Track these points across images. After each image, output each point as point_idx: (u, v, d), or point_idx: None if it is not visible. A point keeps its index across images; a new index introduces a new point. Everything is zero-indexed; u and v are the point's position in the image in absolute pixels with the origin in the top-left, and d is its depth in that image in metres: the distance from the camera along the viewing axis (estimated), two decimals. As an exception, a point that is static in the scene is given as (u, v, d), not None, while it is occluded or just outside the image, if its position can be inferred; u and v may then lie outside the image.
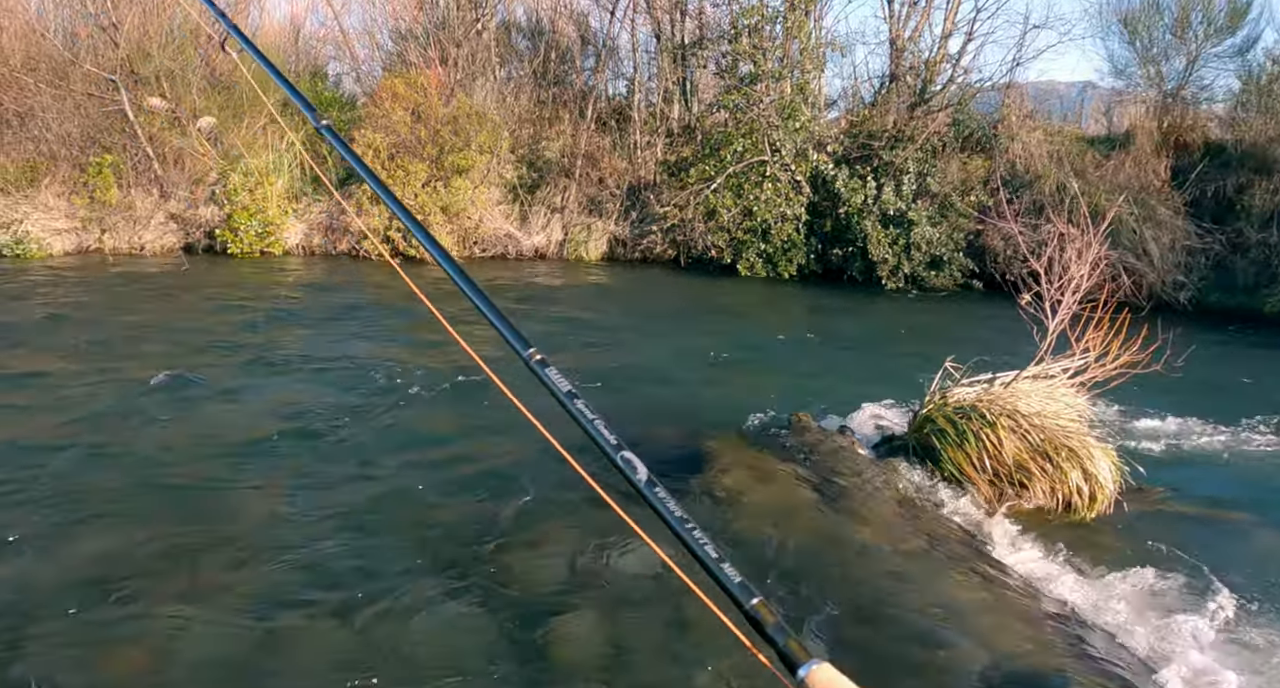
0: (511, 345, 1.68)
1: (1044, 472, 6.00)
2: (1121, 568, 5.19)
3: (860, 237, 16.09)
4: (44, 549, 5.03)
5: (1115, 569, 5.18)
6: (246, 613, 4.43)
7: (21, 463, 6.35)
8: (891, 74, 18.70)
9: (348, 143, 1.90)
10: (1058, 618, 4.64)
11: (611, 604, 4.58)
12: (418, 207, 17.56)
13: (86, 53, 18.59)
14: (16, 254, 16.88)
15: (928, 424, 6.53)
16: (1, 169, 17.75)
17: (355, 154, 1.99)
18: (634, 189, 19.41)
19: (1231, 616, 4.74)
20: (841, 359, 10.69)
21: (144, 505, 5.67)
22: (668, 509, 1.36)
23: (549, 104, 21.34)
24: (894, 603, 4.60)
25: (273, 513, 5.66)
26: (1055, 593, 4.97)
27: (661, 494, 1.38)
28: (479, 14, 20.89)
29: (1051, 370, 6.70)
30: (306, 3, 25.72)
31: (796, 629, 4.32)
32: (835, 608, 4.53)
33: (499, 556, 5.07)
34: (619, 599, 4.62)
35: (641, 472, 1.39)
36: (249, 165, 18.04)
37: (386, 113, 17.91)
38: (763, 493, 5.91)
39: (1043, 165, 16.36)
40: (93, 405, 7.77)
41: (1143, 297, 13.83)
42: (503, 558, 5.05)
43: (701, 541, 1.30)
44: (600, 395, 8.61)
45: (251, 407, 7.94)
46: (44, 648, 4.08)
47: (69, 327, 10.89)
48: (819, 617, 4.45)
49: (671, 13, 20.64)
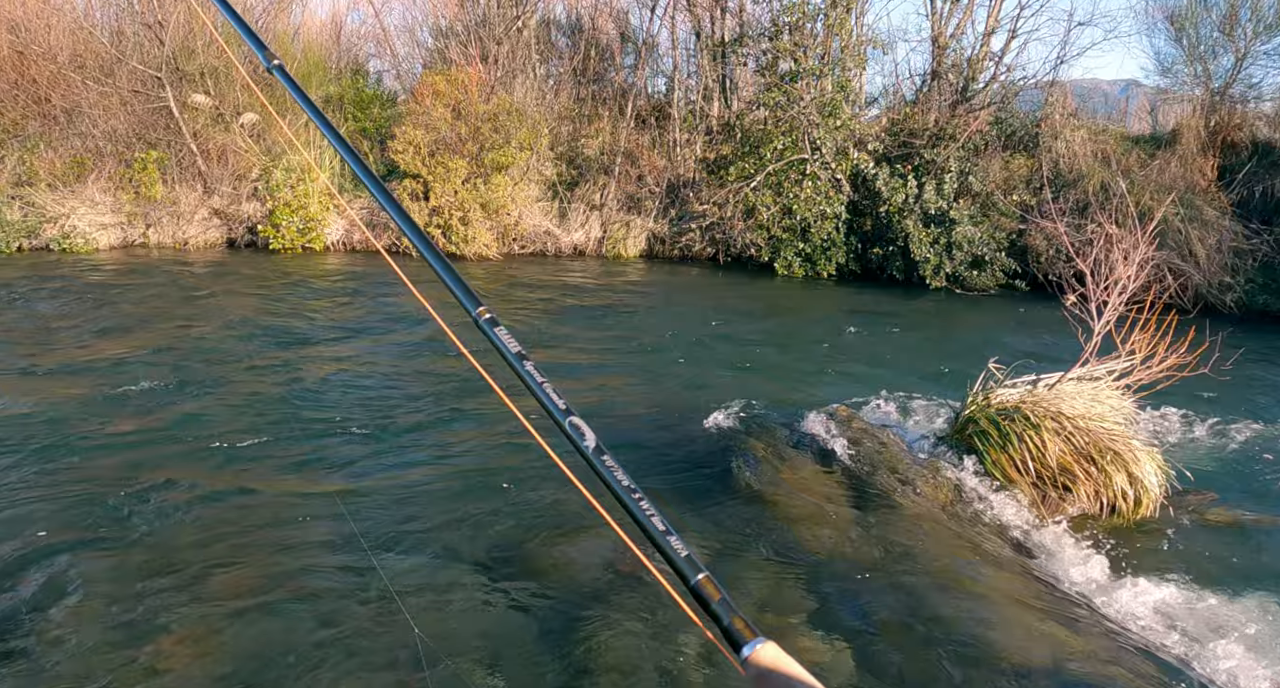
0: (462, 303, 1.65)
1: (1088, 475, 5.94)
2: (1166, 573, 5.13)
3: (901, 236, 15.98)
4: (89, 537, 5.10)
5: (1159, 574, 5.12)
6: (291, 604, 4.47)
7: (65, 453, 6.45)
8: (933, 71, 18.55)
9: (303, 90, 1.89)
10: (1100, 622, 4.59)
11: (567, 578, 4.61)
12: (458, 203, 17.64)
13: (133, 50, 18.82)
14: (63, 248, 17.15)
15: (970, 425, 6.49)
16: (49, 165, 18.02)
17: (307, 97, 1.98)
18: (673, 187, 19.39)
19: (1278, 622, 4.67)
20: (882, 359, 10.62)
21: (189, 494, 5.73)
22: (615, 478, 1.33)
23: (588, 101, 21.37)
24: (933, 605, 4.57)
25: (317, 500, 5.71)
26: (1099, 597, 4.92)
27: (609, 463, 1.35)
28: (519, 11, 20.93)
29: (1097, 372, 6.63)
30: (348, 0, 25.92)
31: (831, 626, 4.31)
32: (873, 607, 4.51)
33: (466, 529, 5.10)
34: (575, 573, 4.64)
35: (590, 438, 1.37)
36: (291, 162, 18.19)
37: (427, 110, 17.99)
38: (802, 490, 5.89)
39: (1086, 165, 16.18)
40: (142, 395, 7.87)
41: (1188, 298, 13.63)
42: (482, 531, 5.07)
43: (649, 512, 1.28)
44: (639, 391, 8.62)
45: (296, 397, 8.01)
46: (90, 637, 4.14)
47: (117, 317, 11.03)
48: (856, 615, 4.42)
49: (712, 10, 20.58)
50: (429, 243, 1.83)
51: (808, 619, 4.43)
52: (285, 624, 4.31)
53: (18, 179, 17.82)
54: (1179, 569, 5.18)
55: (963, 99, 17.68)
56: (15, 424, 7.06)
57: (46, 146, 18.34)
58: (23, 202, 17.52)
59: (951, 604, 4.58)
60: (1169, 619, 4.68)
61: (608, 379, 9.23)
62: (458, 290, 1.64)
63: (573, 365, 9.76)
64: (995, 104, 17.42)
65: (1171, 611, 4.77)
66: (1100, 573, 5.18)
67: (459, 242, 17.74)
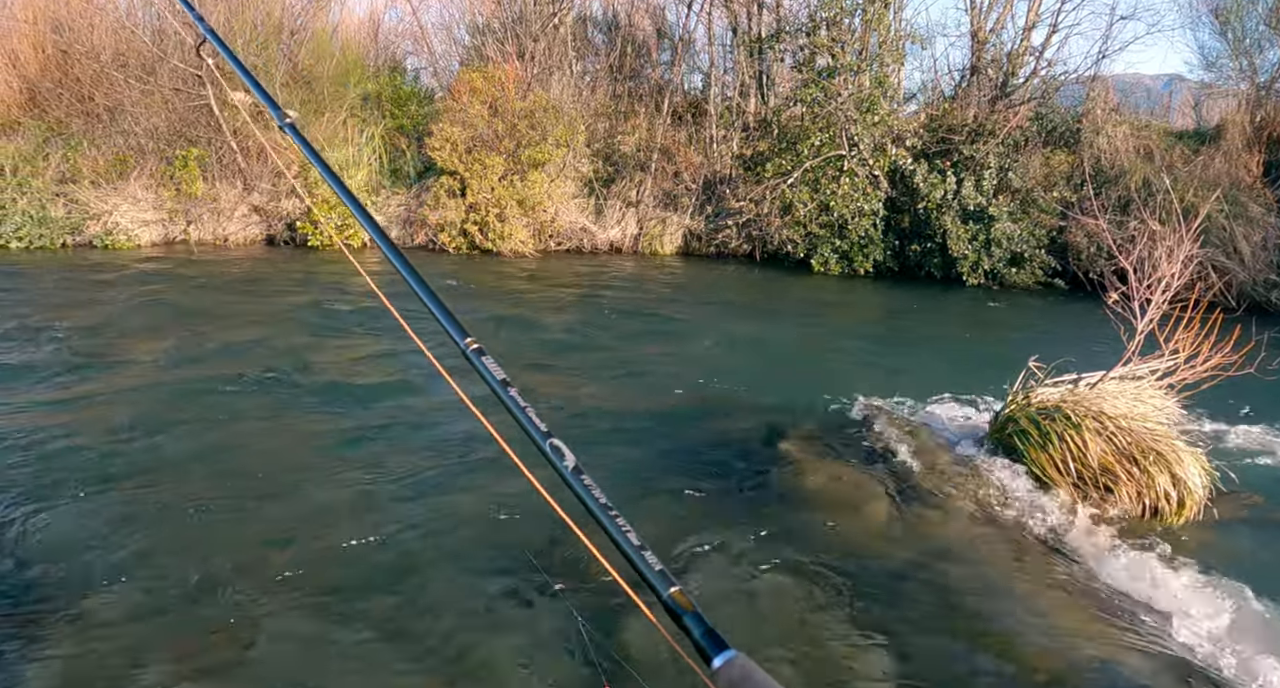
0: (450, 334, 1.66)
1: (1130, 476, 5.85)
2: (1210, 577, 5.04)
3: (939, 232, 15.85)
4: (130, 533, 5.15)
5: (1203, 578, 5.03)
6: (324, 604, 4.49)
7: (103, 447, 6.52)
8: (972, 67, 18.40)
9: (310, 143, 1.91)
10: (1143, 626, 4.52)
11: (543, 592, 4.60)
12: (494, 200, 17.70)
13: (174, 49, 19.01)
14: (106, 245, 17.38)
15: (1010, 424, 6.42)
16: (92, 162, 18.25)
17: (316, 153, 2.01)
18: (709, 183, 19.36)
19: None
20: (920, 356, 10.55)
21: (228, 492, 5.78)
22: (592, 497, 1.35)
23: (624, 98, 21.37)
24: (973, 605, 4.53)
25: (352, 500, 5.74)
26: (1141, 600, 4.85)
27: (587, 482, 1.37)
28: (556, 8, 20.95)
29: (1139, 372, 6.54)
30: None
31: (868, 624, 4.28)
32: (911, 605, 4.47)
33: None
34: (549, 587, 4.63)
35: (569, 459, 1.38)
36: (329, 158, 18.32)
37: (464, 107, 18.06)
38: (838, 488, 5.86)
39: (1129, 161, 15.98)
40: (182, 394, 7.95)
41: (1233, 297, 13.40)
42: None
43: (624, 528, 1.29)
44: (675, 387, 8.60)
45: (334, 397, 8.06)
46: (132, 630, 4.18)
47: (163, 313, 11.16)
48: (894, 613, 4.39)
49: (749, 5, 20.52)
50: (420, 277, 1.83)
51: (845, 617, 4.40)
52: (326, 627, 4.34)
53: (62, 176, 18.07)
54: (1223, 574, 5.09)
55: (1002, 94, 17.53)
56: (93, 418, 7.16)
57: (90, 144, 18.58)
58: (67, 199, 17.76)
59: (991, 604, 4.54)
60: (1213, 625, 4.60)
61: (644, 375, 9.22)
62: (446, 323, 1.66)
63: (609, 362, 9.76)
64: (1035, 99, 17.26)
65: (1216, 616, 4.68)
66: (1143, 576, 5.10)
67: (495, 238, 17.80)
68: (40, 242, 17.12)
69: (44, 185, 17.68)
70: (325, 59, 20.97)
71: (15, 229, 16.94)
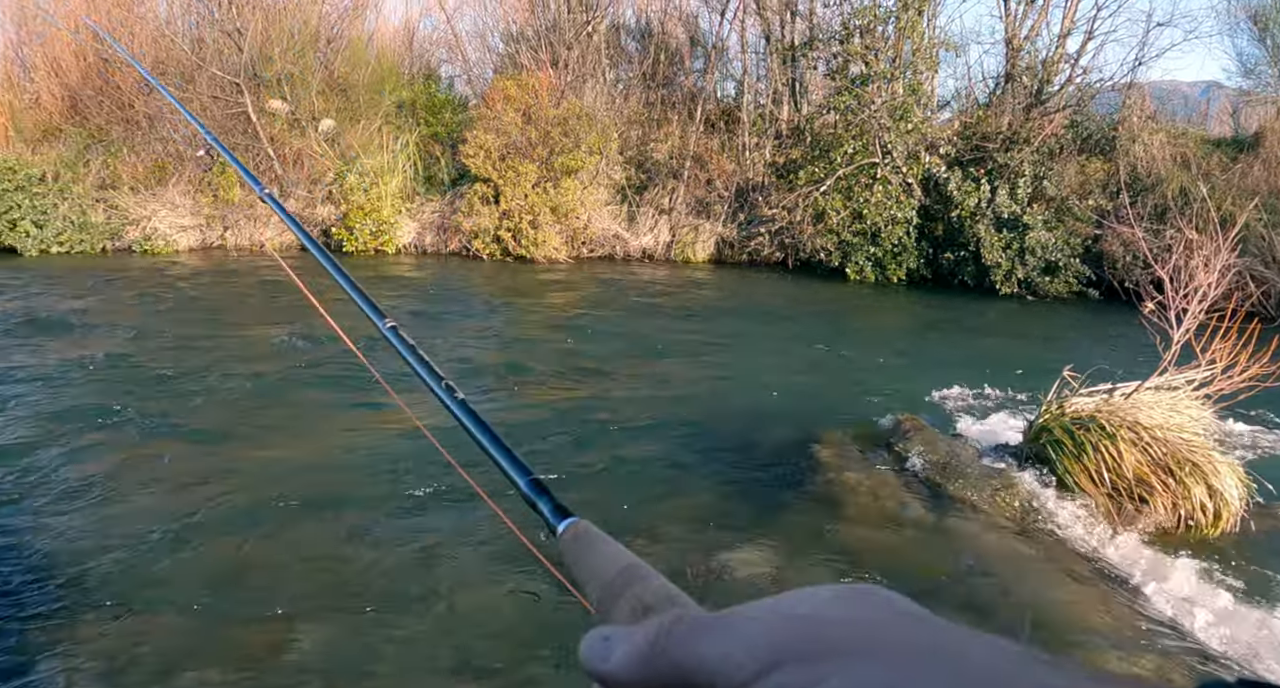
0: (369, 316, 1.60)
1: (1165, 487, 5.81)
2: (1246, 590, 5.00)
3: (973, 240, 15.78)
4: (168, 536, 5.22)
5: (1239, 591, 4.99)
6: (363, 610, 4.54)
7: (144, 452, 6.62)
8: (1007, 74, 18.31)
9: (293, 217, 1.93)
10: (1179, 639, 4.49)
11: None
12: (528, 207, 17.80)
13: (212, 57, 19.26)
14: (144, 250, 17.62)
15: (1044, 434, 6.38)
16: (132, 169, 18.51)
17: (296, 221, 2.04)
18: (742, 191, 19.36)
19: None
20: (953, 365, 10.50)
21: (263, 494, 5.85)
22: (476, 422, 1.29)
23: (657, 105, 21.42)
24: (1007, 617, 4.51)
25: (381, 509, 5.79)
26: (1176, 612, 4.81)
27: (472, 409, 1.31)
28: (590, 16, 21.04)
29: (1175, 382, 6.49)
30: (421, 6, 26.25)
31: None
32: (944, 616, 4.45)
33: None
34: None
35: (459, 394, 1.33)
36: (364, 166, 18.48)
37: (498, 114, 18.17)
38: (871, 497, 5.86)
39: (1165, 169, 15.86)
40: (219, 397, 8.05)
41: (1271, 306, 13.27)
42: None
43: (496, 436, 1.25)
44: (709, 394, 8.61)
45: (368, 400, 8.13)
46: (172, 632, 4.25)
47: (203, 316, 11.31)
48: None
49: (782, 13, 20.53)
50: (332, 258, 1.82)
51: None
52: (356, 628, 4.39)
53: (102, 182, 18.35)
54: (1259, 585, 5.05)
55: (1037, 102, 17.43)
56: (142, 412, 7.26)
57: (129, 151, 18.84)
58: (106, 205, 18.03)
59: (1025, 615, 4.52)
60: (1250, 638, 4.56)
61: (676, 381, 9.24)
62: (363, 303, 1.61)
63: (641, 368, 9.79)
64: (1071, 107, 17.17)
65: (1249, 627, 4.65)
66: (1179, 588, 5.06)
67: (528, 245, 17.89)
68: (80, 246, 17.39)
69: (84, 191, 17.95)
70: (361, 67, 21.18)
71: (56, 234, 17.20)
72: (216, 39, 19.64)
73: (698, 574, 4.85)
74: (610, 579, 0.68)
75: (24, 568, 4.82)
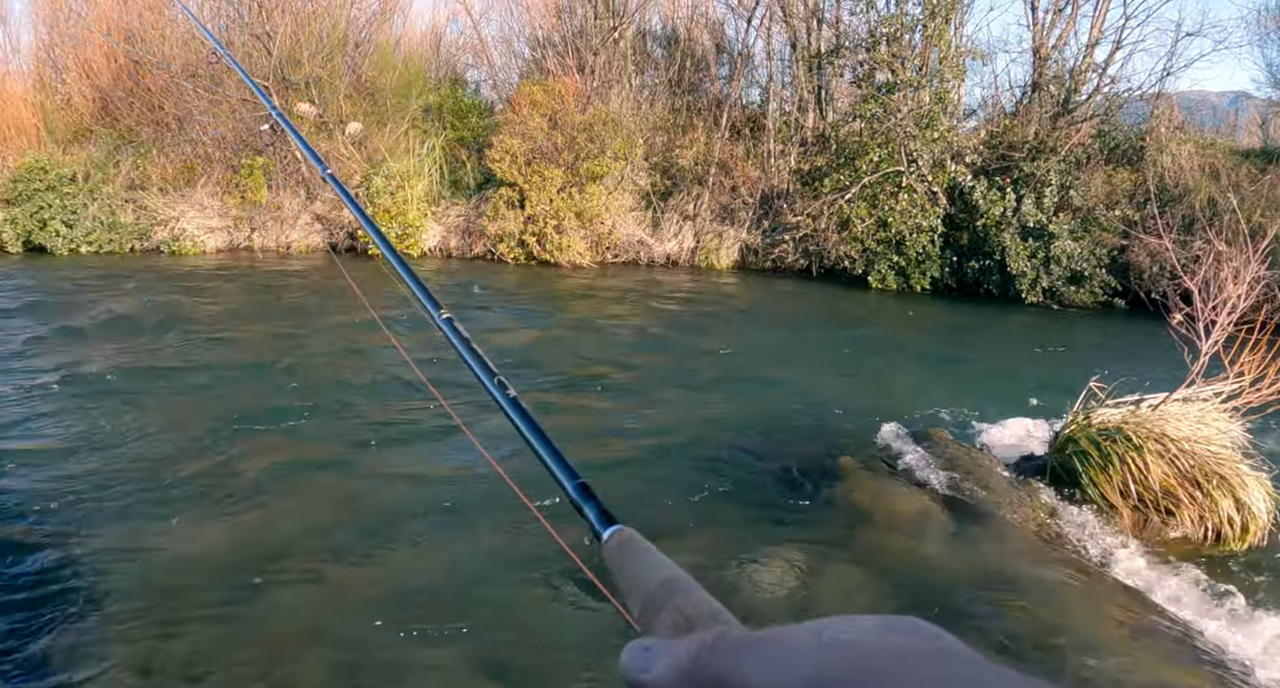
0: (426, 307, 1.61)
1: (1192, 499, 5.78)
2: (1276, 605, 4.97)
3: (998, 249, 15.73)
4: (195, 534, 5.28)
5: (1267, 606, 4.96)
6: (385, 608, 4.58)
7: (179, 447, 6.69)
8: (1034, 83, 18.24)
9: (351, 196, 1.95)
10: (1204, 654, 4.47)
11: None
12: (553, 212, 17.85)
13: (241, 60, 19.41)
14: (173, 250, 17.78)
15: (1070, 445, 6.36)
16: (161, 169, 18.69)
17: (355, 202, 2.06)
18: (767, 198, 19.36)
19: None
20: (977, 375, 10.48)
21: (292, 494, 5.90)
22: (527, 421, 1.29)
23: (683, 112, 21.45)
24: (1033, 630, 4.50)
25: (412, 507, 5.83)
26: (1201, 628, 4.78)
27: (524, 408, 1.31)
28: (616, 22, 21.09)
29: (1203, 394, 6.45)
30: (448, 11, 26.39)
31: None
32: (971, 628, 4.46)
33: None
34: None
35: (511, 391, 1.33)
36: (391, 169, 18.59)
37: (524, 119, 18.24)
38: (898, 510, 5.85)
39: (1193, 179, 15.76)
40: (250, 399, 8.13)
41: (1300, 318, 13.16)
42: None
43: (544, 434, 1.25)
44: (733, 403, 8.62)
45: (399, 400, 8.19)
46: (199, 626, 4.29)
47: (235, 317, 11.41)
48: (953, 635, 4.37)
49: (808, 21, 20.52)
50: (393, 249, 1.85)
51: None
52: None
53: (131, 183, 18.53)
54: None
55: (1064, 111, 17.37)
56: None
57: (159, 152, 19.03)
58: (136, 205, 18.21)
59: (1052, 628, 4.51)
60: (1274, 653, 4.54)
61: (700, 388, 9.25)
62: (420, 292, 1.64)
63: (665, 375, 9.80)
64: (1098, 116, 17.10)
65: (1277, 643, 4.62)
66: (1206, 602, 5.03)
67: (553, 249, 17.94)
68: (110, 246, 17.57)
69: (114, 191, 18.15)
70: (388, 71, 21.32)
71: (86, 234, 17.39)
72: (246, 42, 19.80)
73: (722, 584, 4.86)
74: (653, 591, 0.69)
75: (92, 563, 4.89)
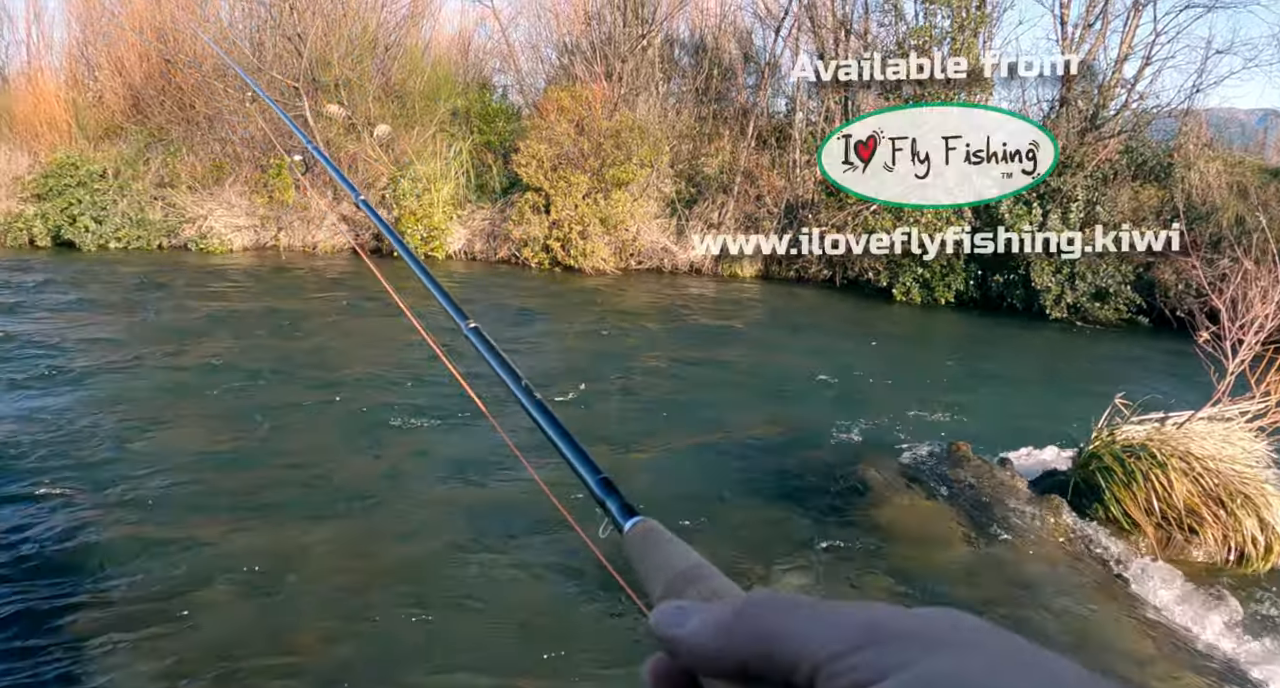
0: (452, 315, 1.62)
1: (1216, 518, 5.76)
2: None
3: (1023, 264, 15.68)
4: (216, 538, 5.33)
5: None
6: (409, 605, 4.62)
7: (197, 449, 6.76)
8: (1062, 98, 18.19)
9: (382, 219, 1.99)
10: (1227, 672, 4.47)
11: None
12: (578, 217, 17.90)
13: (273, 61, 19.59)
14: (200, 248, 17.92)
15: (1094, 461, 6.35)
16: (190, 168, 18.86)
17: (388, 226, 2.10)
18: (791, 207, 19.34)
19: None
20: (1001, 390, 10.46)
21: (313, 495, 5.96)
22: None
23: (709, 120, 21.46)
24: (1050, 648, 4.50)
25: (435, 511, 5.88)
26: (1222, 647, 4.78)
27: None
28: (645, 30, 21.15)
29: (1228, 412, 6.43)
30: (476, 16, 26.53)
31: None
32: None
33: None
34: None
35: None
36: (418, 172, 18.68)
37: (551, 124, 18.31)
38: (921, 524, 5.86)
39: (1221, 197, 15.69)
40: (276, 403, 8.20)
41: (1327, 339, 13.06)
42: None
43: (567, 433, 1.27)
44: (756, 413, 8.64)
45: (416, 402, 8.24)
46: (223, 624, 4.35)
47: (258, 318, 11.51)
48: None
49: (836, 31, 20.52)
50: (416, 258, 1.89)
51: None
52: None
53: (160, 181, 18.71)
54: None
55: (1092, 126, 17.32)
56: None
57: (188, 150, 19.20)
58: (164, 202, 18.37)
59: (1071, 646, 4.51)
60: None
61: (724, 399, 9.27)
62: (447, 304, 1.66)
63: (689, 384, 9.83)
64: (1126, 132, 17.03)
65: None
66: (1228, 621, 5.03)
67: (577, 255, 17.99)
68: (138, 243, 17.74)
69: (143, 188, 18.33)
70: (417, 74, 21.44)
71: (115, 230, 17.56)
72: (277, 43, 19.96)
73: (744, 588, 4.86)
74: (676, 575, 0.71)
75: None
